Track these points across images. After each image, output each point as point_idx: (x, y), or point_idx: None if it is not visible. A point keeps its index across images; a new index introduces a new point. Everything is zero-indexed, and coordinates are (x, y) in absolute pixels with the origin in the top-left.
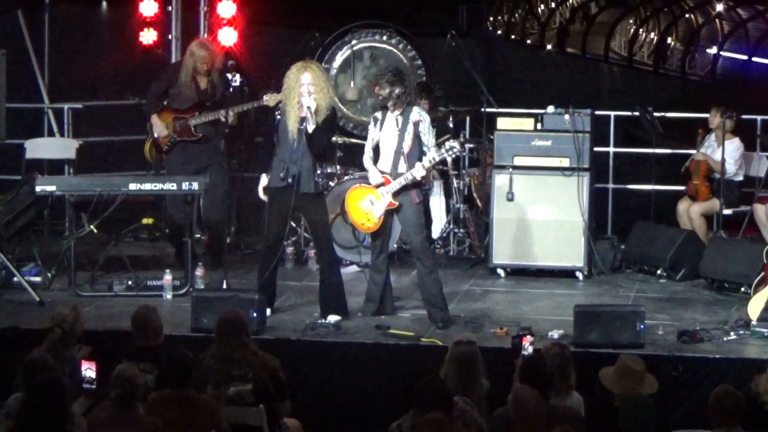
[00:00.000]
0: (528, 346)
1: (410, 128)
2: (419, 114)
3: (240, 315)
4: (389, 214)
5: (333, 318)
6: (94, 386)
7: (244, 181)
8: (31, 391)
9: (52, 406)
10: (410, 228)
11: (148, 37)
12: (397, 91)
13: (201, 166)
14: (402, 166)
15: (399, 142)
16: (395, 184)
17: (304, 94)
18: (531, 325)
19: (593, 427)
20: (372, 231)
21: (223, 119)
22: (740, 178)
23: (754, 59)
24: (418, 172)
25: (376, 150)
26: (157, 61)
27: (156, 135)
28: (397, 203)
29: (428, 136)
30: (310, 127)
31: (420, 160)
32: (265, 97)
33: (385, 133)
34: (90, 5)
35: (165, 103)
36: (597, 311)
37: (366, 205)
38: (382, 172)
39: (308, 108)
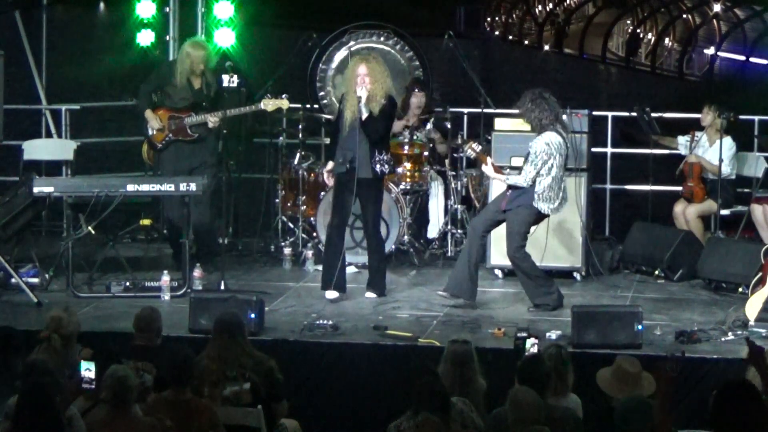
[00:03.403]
0: (532, 348)
1: None
2: None
3: (237, 316)
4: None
5: (371, 294)
6: (93, 386)
7: (241, 182)
8: (23, 393)
9: (43, 410)
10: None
11: (145, 38)
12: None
13: (192, 166)
14: None
15: None
16: None
17: (359, 83)
18: (529, 326)
19: (591, 428)
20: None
21: (216, 121)
22: (733, 177)
23: (752, 60)
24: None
25: None
26: (155, 62)
27: (150, 130)
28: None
29: None
30: (364, 115)
31: None
32: (263, 102)
33: None
34: (87, 6)
35: (157, 100)
36: (595, 312)
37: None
38: None
39: (359, 97)
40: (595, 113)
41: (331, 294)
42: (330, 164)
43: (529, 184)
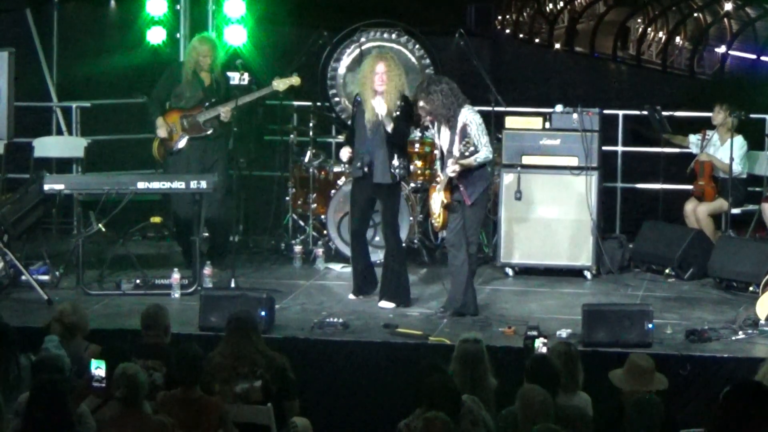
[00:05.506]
0: (541, 347)
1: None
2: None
3: (249, 313)
4: (450, 210)
5: (386, 304)
6: (103, 384)
7: (252, 180)
8: (34, 390)
9: (54, 407)
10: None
11: (156, 35)
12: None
13: (205, 166)
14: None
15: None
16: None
17: (377, 82)
18: (539, 324)
19: (601, 427)
20: (439, 229)
21: (227, 111)
22: (744, 175)
23: (763, 58)
24: (449, 169)
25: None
26: (166, 60)
27: (159, 137)
28: (447, 200)
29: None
30: (389, 127)
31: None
32: (274, 83)
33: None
34: (98, 4)
35: (169, 104)
36: (605, 310)
37: (434, 203)
38: None
39: (378, 114)
40: (605, 112)
41: (353, 298)
42: (345, 151)
43: (493, 153)
